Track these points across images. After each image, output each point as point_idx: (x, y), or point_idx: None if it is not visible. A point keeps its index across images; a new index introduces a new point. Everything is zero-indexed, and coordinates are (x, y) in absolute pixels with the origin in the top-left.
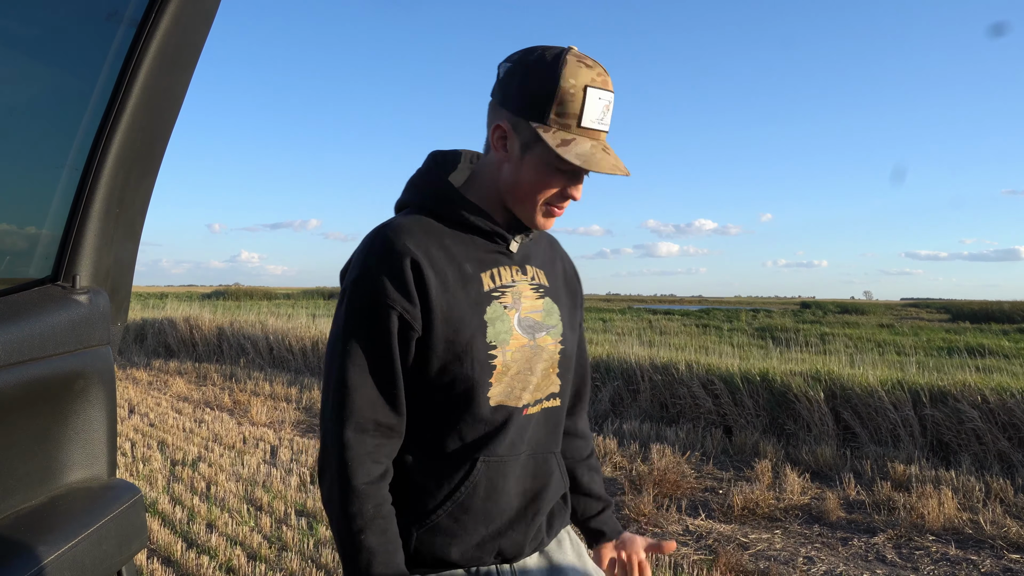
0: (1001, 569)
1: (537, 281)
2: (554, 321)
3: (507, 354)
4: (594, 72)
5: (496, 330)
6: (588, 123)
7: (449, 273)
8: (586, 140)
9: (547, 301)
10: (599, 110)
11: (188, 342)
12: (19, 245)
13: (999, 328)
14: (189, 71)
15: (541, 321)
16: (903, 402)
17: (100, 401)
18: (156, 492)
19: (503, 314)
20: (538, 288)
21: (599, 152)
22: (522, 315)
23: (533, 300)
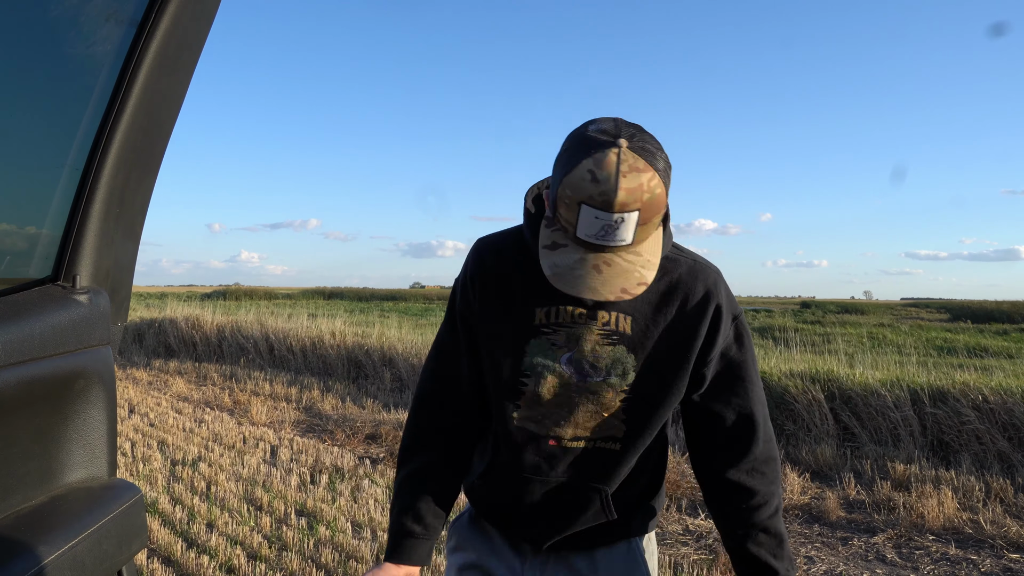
0: (1001, 569)
1: (612, 327)
2: (623, 369)
3: (542, 386)
4: (595, 189)
5: (534, 361)
6: (584, 235)
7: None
8: (578, 251)
9: (618, 349)
10: (597, 228)
11: (188, 342)
12: (19, 245)
13: (999, 328)
14: (189, 71)
15: (601, 367)
16: (903, 402)
17: (100, 401)
18: (156, 492)
19: (549, 350)
20: (610, 335)
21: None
22: (575, 356)
23: (599, 345)
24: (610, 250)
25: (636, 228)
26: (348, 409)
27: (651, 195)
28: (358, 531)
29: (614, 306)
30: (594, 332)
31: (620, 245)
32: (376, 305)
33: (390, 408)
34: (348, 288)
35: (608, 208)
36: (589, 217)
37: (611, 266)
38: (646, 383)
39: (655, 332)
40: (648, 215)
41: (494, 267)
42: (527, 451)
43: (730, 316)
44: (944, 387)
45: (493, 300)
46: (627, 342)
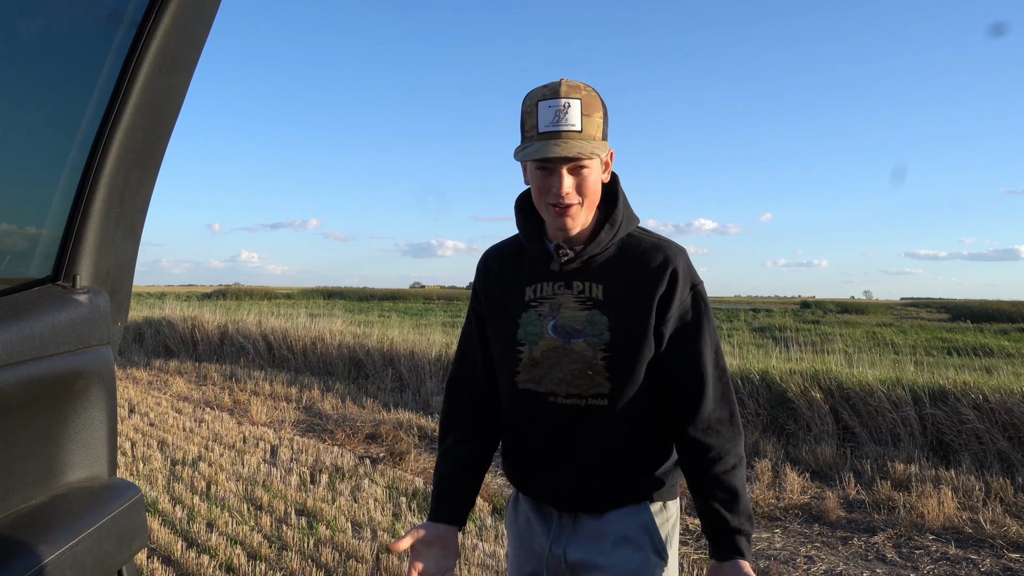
0: (1001, 568)
1: (586, 295)
2: (597, 330)
3: (535, 351)
4: (545, 90)
5: (526, 332)
6: (543, 128)
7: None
8: (541, 141)
9: (593, 313)
10: (551, 115)
11: (188, 342)
12: (19, 245)
13: (999, 328)
14: (189, 71)
15: (580, 329)
16: (902, 401)
17: (100, 401)
18: (156, 492)
19: (537, 320)
20: (585, 301)
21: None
22: (558, 322)
23: (576, 311)
24: (565, 134)
25: (581, 117)
26: (348, 409)
27: (588, 93)
28: (358, 531)
29: (586, 277)
30: (571, 300)
31: (572, 130)
32: (376, 305)
33: (390, 408)
34: (348, 288)
35: (556, 95)
36: (544, 109)
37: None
38: (620, 340)
39: (623, 296)
40: (588, 109)
41: (496, 265)
42: (532, 411)
43: (687, 282)
44: (944, 387)
45: (495, 291)
46: (600, 306)
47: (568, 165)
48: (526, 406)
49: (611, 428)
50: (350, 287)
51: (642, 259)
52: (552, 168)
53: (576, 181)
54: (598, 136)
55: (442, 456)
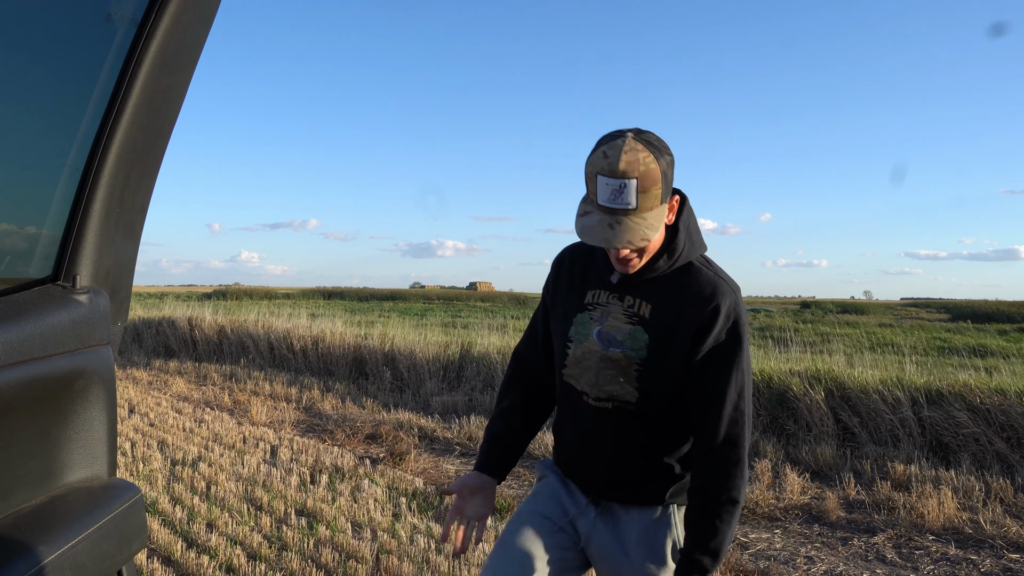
0: (1001, 569)
1: (635, 310)
2: (636, 345)
3: (578, 351)
4: (605, 162)
5: (577, 331)
6: (601, 201)
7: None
8: (598, 215)
9: (636, 328)
10: (608, 192)
11: (188, 342)
12: (19, 245)
13: (999, 328)
14: (189, 71)
15: (620, 340)
16: (902, 402)
17: (100, 401)
18: (156, 492)
19: (587, 322)
20: (632, 316)
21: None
22: (603, 329)
23: (621, 322)
24: (621, 212)
25: (637, 195)
26: (348, 409)
27: (646, 167)
28: (358, 531)
29: (638, 294)
30: (620, 311)
31: (627, 208)
32: (376, 305)
33: (390, 408)
34: (348, 288)
35: (613, 175)
36: (602, 184)
37: (621, 224)
38: (655, 358)
39: (667, 319)
40: (645, 184)
41: (568, 262)
42: (572, 404)
43: (729, 321)
44: (943, 387)
45: (564, 285)
46: (644, 324)
47: None
48: (568, 398)
49: (635, 433)
50: (350, 287)
51: (693, 290)
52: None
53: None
54: (656, 206)
55: (496, 415)
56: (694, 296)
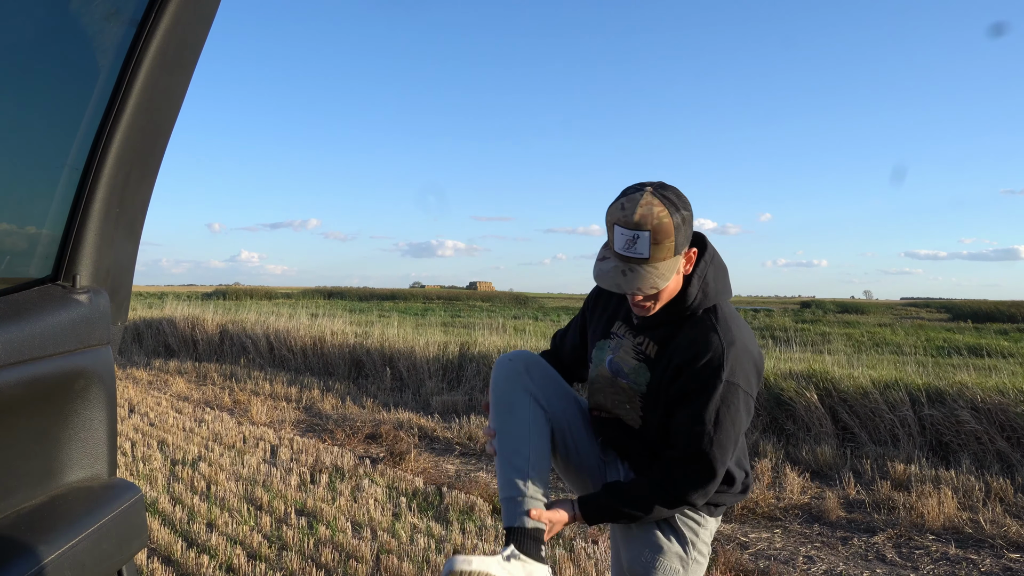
0: (1001, 568)
1: (643, 348)
2: (639, 380)
3: (594, 372)
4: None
5: (595, 355)
6: (618, 249)
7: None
8: (613, 261)
9: (641, 365)
10: (623, 241)
11: (188, 341)
12: (19, 245)
13: (999, 328)
14: (189, 71)
15: (627, 373)
16: (901, 402)
17: (100, 401)
18: (156, 491)
19: (605, 349)
20: (640, 354)
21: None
22: (615, 358)
23: (629, 357)
24: (634, 261)
25: (650, 246)
26: (348, 408)
27: (659, 221)
28: (358, 531)
29: (649, 335)
30: (630, 346)
31: (640, 258)
32: (376, 305)
33: (390, 407)
34: (348, 288)
35: (628, 226)
36: (618, 234)
37: (633, 272)
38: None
39: (668, 362)
40: (658, 237)
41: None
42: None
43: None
44: (943, 387)
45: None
46: (648, 363)
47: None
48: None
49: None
50: (350, 287)
51: (696, 339)
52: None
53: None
54: (668, 256)
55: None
56: (689, 344)
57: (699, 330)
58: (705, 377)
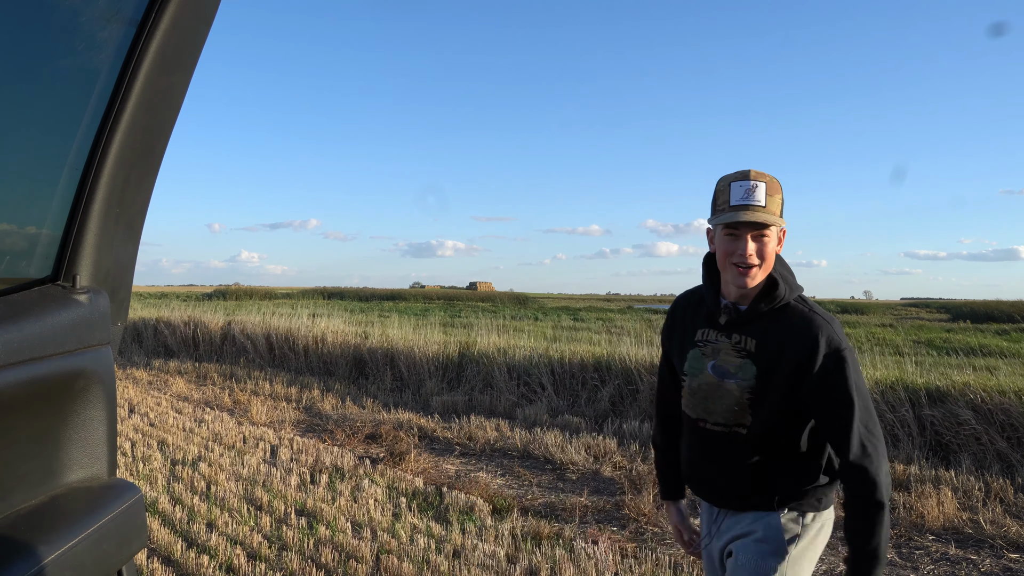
0: (1001, 568)
1: (742, 345)
2: (746, 376)
3: (694, 383)
4: (739, 173)
5: (691, 366)
6: (735, 202)
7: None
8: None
9: (745, 362)
10: (741, 192)
11: (188, 342)
12: (19, 245)
13: (999, 328)
14: (189, 71)
15: (733, 372)
16: (901, 402)
17: (100, 401)
18: (156, 492)
19: (700, 357)
20: (741, 351)
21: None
22: (717, 363)
23: (732, 356)
24: (752, 208)
25: (766, 196)
26: (348, 409)
27: (771, 179)
28: (358, 531)
29: (745, 331)
30: (729, 347)
31: (758, 205)
32: (376, 305)
33: (390, 408)
34: (348, 288)
35: (747, 178)
36: (736, 188)
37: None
38: (762, 386)
39: (771, 353)
40: (772, 191)
41: (682, 309)
42: (691, 431)
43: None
44: (943, 387)
45: (678, 328)
46: (752, 357)
47: (752, 232)
48: (687, 425)
49: (747, 452)
50: (350, 287)
51: (793, 326)
52: (739, 234)
53: (757, 247)
54: (777, 213)
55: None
56: (794, 332)
57: (800, 316)
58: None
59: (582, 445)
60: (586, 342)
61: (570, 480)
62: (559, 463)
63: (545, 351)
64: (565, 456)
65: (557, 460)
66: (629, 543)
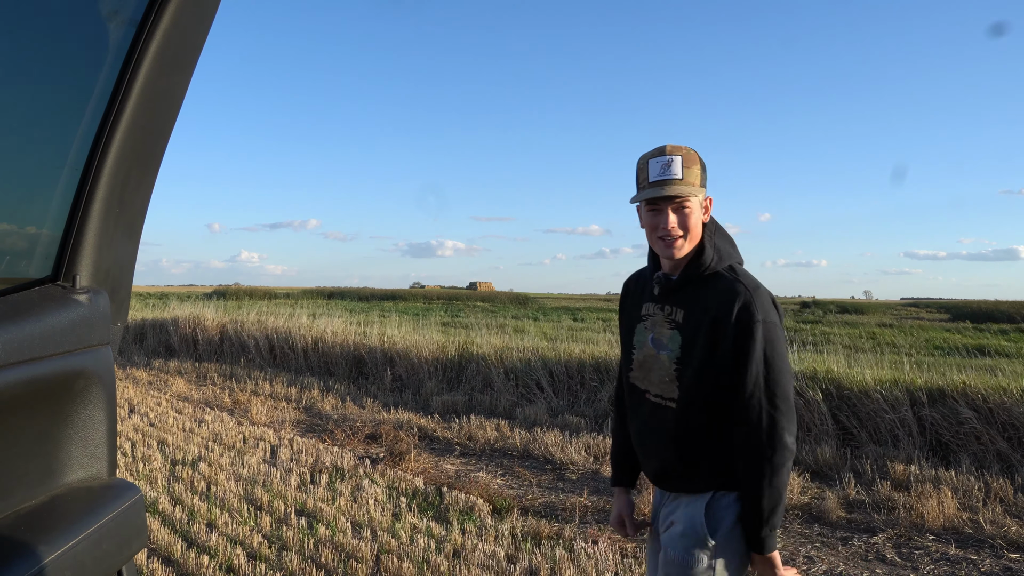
0: (1001, 569)
1: (671, 316)
2: (674, 347)
3: (640, 355)
4: (655, 150)
5: (637, 339)
6: (653, 178)
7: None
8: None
9: (675, 332)
10: (658, 168)
11: (188, 342)
12: (19, 245)
13: (999, 328)
14: (189, 71)
15: (665, 343)
16: (902, 402)
17: (100, 401)
18: (156, 492)
19: (643, 331)
20: (671, 322)
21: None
22: (654, 335)
23: (664, 328)
24: (669, 182)
25: (683, 169)
26: (348, 409)
27: (687, 151)
28: (358, 531)
29: (674, 302)
30: (663, 319)
31: (674, 178)
32: (376, 305)
33: (390, 408)
34: (348, 288)
35: (663, 153)
36: (653, 165)
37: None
38: (687, 357)
39: (696, 322)
40: (688, 163)
41: (634, 284)
42: (635, 404)
43: (751, 316)
44: (943, 387)
45: (629, 304)
46: (679, 327)
47: (672, 204)
48: (632, 398)
49: (680, 425)
50: (350, 287)
51: (716, 294)
52: (660, 208)
53: (679, 218)
54: (696, 183)
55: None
56: (715, 300)
57: (723, 284)
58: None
59: (582, 445)
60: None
61: (570, 480)
62: (559, 463)
63: (545, 351)
64: (565, 456)
65: (557, 460)
66: (629, 543)
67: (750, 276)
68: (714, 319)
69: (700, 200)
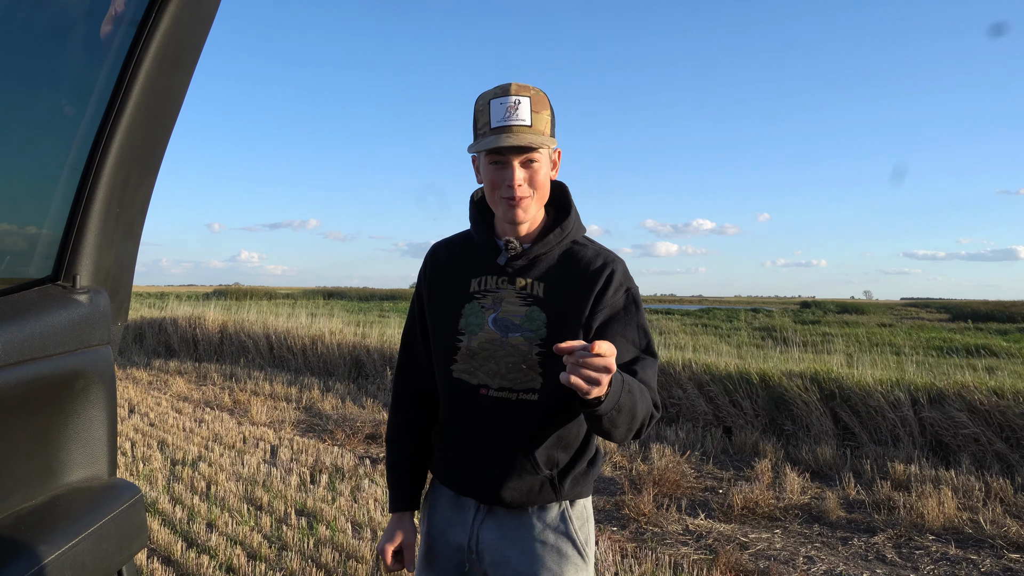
0: (1001, 569)
1: (528, 291)
2: (534, 325)
3: (474, 342)
4: (498, 89)
5: (467, 322)
6: (496, 123)
7: (444, 276)
8: (493, 135)
9: (532, 309)
10: (502, 112)
11: (189, 342)
12: (19, 245)
13: (999, 328)
14: (189, 71)
15: (518, 324)
16: (901, 402)
17: (100, 401)
18: (156, 492)
19: (479, 311)
20: (526, 297)
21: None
22: (499, 316)
23: (516, 306)
24: (516, 128)
25: (531, 113)
26: (348, 409)
27: (536, 92)
28: (358, 531)
29: (530, 275)
30: (513, 295)
31: (522, 124)
32: (376, 305)
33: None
34: (348, 288)
35: (507, 94)
36: (496, 106)
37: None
38: (555, 337)
39: (562, 295)
40: (537, 106)
41: (444, 257)
42: (464, 402)
43: (621, 286)
44: (943, 388)
45: (440, 280)
46: (540, 303)
47: (519, 158)
48: (458, 396)
49: (538, 424)
50: (350, 287)
51: (583, 264)
52: (504, 161)
53: (527, 174)
54: (547, 132)
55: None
56: (585, 269)
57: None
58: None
59: None
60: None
61: None
62: None
63: None
64: None
65: None
66: (629, 543)
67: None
68: (585, 291)
69: (550, 153)
